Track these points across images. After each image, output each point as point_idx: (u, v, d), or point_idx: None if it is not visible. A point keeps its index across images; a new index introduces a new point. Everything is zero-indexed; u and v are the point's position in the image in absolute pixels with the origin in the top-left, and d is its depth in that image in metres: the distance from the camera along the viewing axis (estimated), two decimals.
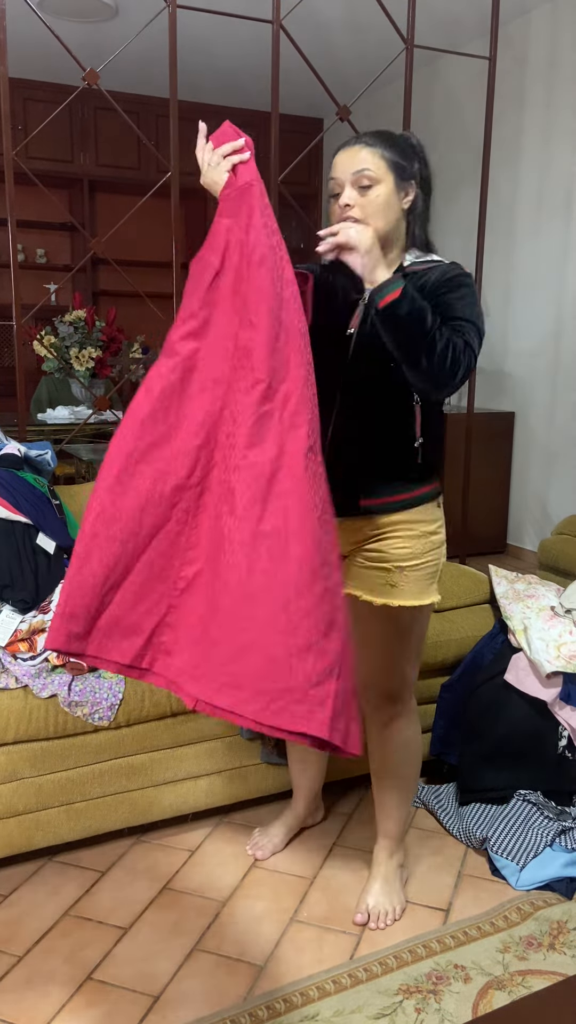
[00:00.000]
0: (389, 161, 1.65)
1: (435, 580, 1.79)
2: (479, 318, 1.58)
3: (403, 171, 1.66)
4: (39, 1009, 1.65)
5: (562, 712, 2.13)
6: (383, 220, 1.64)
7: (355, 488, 1.71)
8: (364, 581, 1.76)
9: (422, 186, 1.70)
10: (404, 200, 1.68)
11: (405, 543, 1.72)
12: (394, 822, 1.93)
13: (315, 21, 4.38)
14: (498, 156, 4.64)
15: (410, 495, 1.71)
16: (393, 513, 1.71)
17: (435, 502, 1.76)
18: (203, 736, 2.12)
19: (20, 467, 2.21)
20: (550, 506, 4.58)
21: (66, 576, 1.36)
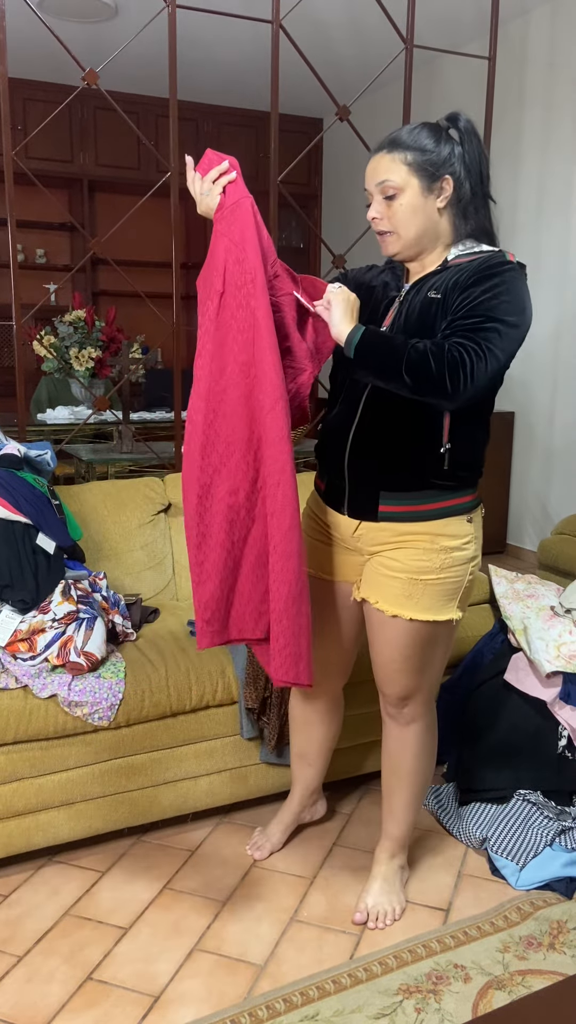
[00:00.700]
0: (412, 165, 1.60)
1: (456, 597, 1.71)
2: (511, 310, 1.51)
3: (430, 170, 1.60)
4: (39, 1009, 1.65)
5: (562, 712, 2.13)
6: (412, 227, 1.62)
7: (375, 493, 1.67)
8: (380, 589, 1.72)
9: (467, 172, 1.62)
10: (439, 199, 1.62)
11: (423, 556, 1.66)
12: (399, 825, 1.93)
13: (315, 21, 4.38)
14: (498, 156, 4.64)
15: (432, 506, 1.64)
16: (412, 523, 1.66)
17: (465, 516, 1.68)
18: (203, 736, 2.12)
19: (20, 467, 2.21)
20: (550, 506, 4.58)
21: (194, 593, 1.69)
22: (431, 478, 1.64)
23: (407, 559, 1.67)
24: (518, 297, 1.54)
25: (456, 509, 1.67)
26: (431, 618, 1.69)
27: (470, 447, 1.66)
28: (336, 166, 6.26)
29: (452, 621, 1.73)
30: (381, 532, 1.69)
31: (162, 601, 2.55)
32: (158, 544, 2.59)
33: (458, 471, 1.65)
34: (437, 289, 1.61)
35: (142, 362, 4.08)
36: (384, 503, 1.66)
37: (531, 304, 1.58)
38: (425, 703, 1.84)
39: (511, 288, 1.54)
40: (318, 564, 1.84)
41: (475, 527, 1.71)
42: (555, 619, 2.24)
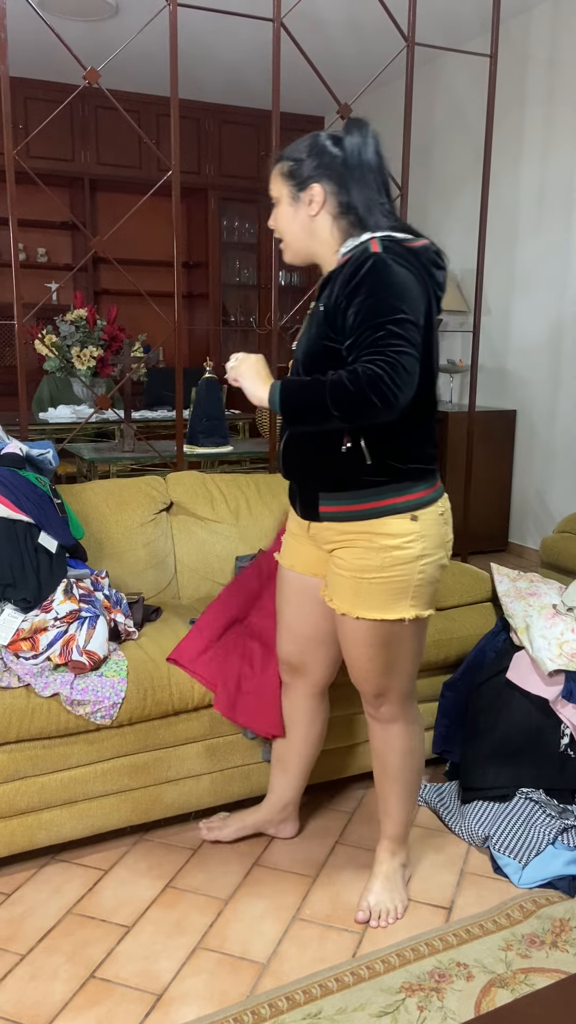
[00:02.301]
0: (284, 175, 1.66)
1: (408, 596, 1.69)
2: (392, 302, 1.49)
3: (297, 179, 1.65)
4: (42, 1007, 1.66)
5: (564, 710, 2.13)
6: (290, 235, 1.70)
7: (315, 495, 1.71)
8: (333, 587, 1.75)
9: (346, 174, 1.62)
10: (309, 207, 1.66)
11: (364, 554, 1.67)
12: (395, 823, 1.93)
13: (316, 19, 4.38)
14: (499, 153, 4.64)
15: (369, 505, 1.65)
16: (351, 522, 1.67)
17: (407, 515, 1.66)
18: (205, 735, 2.12)
19: (22, 466, 2.21)
20: (552, 504, 4.58)
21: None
22: (360, 477, 1.64)
23: (351, 558, 1.69)
24: (392, 284, 1.52)
25: (396, 508, 1.65)
26: (379, 617, 1.69)
27: (395, 442, 1.63)
28: None
29: (405, 620, 1.71)
30: (327, 531, 1.73)
31: (164, 600, 2.55)
32: (160, 543, 2.59)
33: (387, 467, 1.63)
34: (321, 300, 1.63)
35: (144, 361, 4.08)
36: (323, 504, 1.70)
37: (411, 276, 1.54)
38: (401, 702, 1.83)
39: (381, 280, 1.52)
40: (295, 559, 1.89)
41: (424, 525, 1.67)
42: (557, 617, 2.24)
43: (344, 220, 1.64)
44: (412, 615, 1.71)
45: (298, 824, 2.19)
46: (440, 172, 5.22)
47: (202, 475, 2.76)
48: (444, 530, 1.73)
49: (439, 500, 1.72)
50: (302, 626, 1.92)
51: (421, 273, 1.58)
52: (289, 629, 1.95)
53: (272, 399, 1.57)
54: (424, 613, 1.73)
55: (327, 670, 1.97)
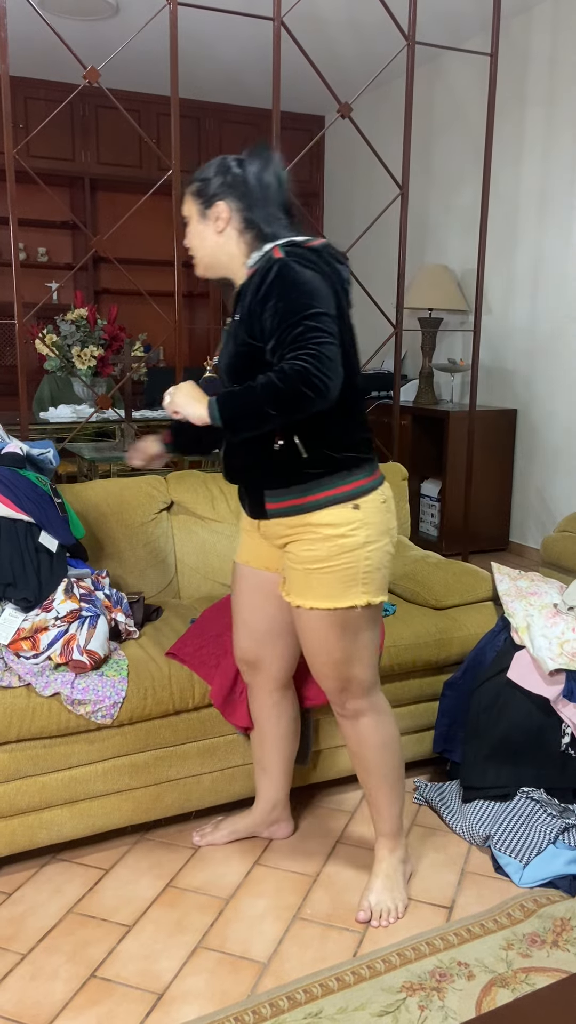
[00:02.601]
0: (193, 195, 1.75)
1: (358, 583, 1.72)
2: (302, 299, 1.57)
3: (203, 198, 1.73)
4: (43, 1007, 1.66)
5: (565, 709, 2.13)
6: (201, 251, 1.77)
7: (260, 494, 1.75)
8: (288, 581, 1.79)
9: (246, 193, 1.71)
10: (215, 224, 1.73)
11: (311, 546, 1.71)
12: (388, 820, 1.93)
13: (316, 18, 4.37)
14: (499, 152, 4.64)
15: (311, 498, 1.69)
16: (296, 516, 1.72)
17: (349, 504, 1.70)
18: (206, 734, 2.12)
19: (22, 466, 2.21)
20: (552, 503, 4.58)
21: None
22: (299, 471, 1.69)
23: (299, 550, 1.74)
24: (299, 284, 1.59)
25: (337, 498, 1.70)
26: (330, 605, 1.73)
27: (326, 434, 1.68)
28: (338, 163, 6.25)
29: (357, 607, 1.74)
30: (276, 527, 1.77)
31: (164, 599, 2.55)
32: (160, 542, 2.59)
33: (322, 459, 1.69)
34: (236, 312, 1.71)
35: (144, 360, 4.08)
36: (269, 501, 1.74)
37: (315, 274, 1.61)
38: (365, 693, 1.85)
39: (288, 282, 1.60)
40: (251, 555, 1.93)
41: (366, 513, 1.71)
42: (558, 616, 2.24)
43: (249, 234, 1.72)
44: (364, 601, 1.75)
45: (292, 824, 2.19)
46: (441, 171, 5.22)
47: (203, 474, 2.76)
48: (387, 517, 1.77)
49: (380, 488, 1.76)
50: (258, 620, 1.95)
51: (325, 269, 1.66)
52: (245, 624, 1.97)
53: (212, 414, 1.61)
54: (376, 599, 1.77)
55: (284, 663, 1.99)
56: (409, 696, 2.37)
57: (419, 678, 2.39)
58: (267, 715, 2.03)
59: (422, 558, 2.68)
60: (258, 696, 2.03)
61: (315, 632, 1.77)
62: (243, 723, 2.09)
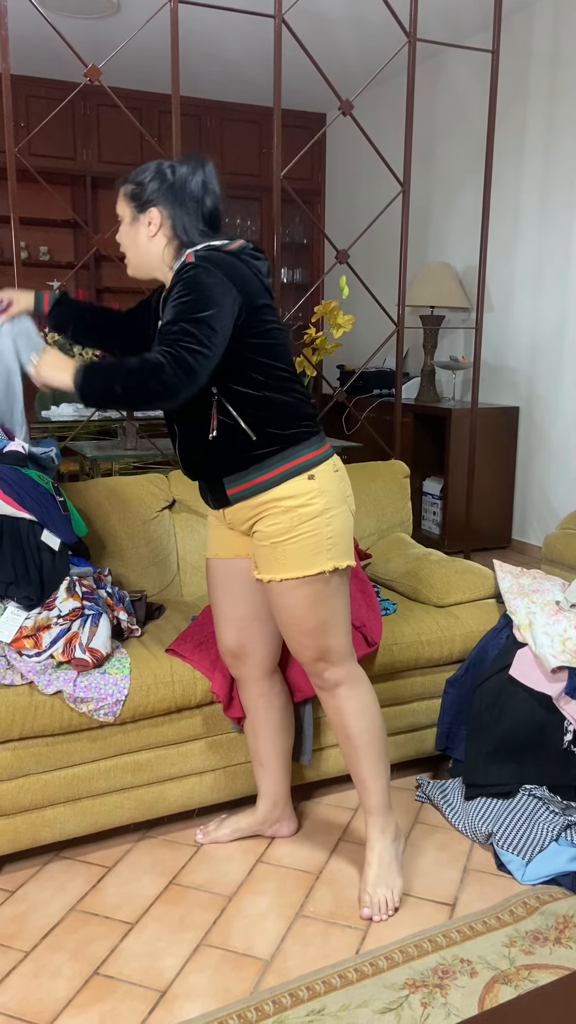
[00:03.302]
0: (126, 196, 1.80)
1: (323, 549, 1.79)
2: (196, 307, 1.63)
3: (136, 202, 1.79)
4: (46, 1004, 1.66)
5: (567, 707, 2.13)
6: (130, 252, 1.83)
7: (219, 483, 1.81)
8: (258, 560, 1.83)
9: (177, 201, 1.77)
10: (148, 228, 1.79)
11: (274, 520, 1.77)
12: (374, 794, 1.94)
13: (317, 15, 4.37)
14: (501, 150, 4.63)
15: (266, 476, 1.76)
16: (257, 495, 1.78)
17: (304, 475, 1.77)
18: (209, 732, 2.13)
19: (24, 464, 2.21)
20: (555, 501, 4.58)
21: None
22: (251, 453, 1.76)
23: (265, 527, 1.79)
24: (197, 289, 1.66)
25: (291, 472, 1.77)
26: (300, 573, 1.78)
27: (268, 412, 1.76)
28: (339, 161, 6.25)
29: (326, 572, 1.79)
30: (241, 511, 1.83)
31: (167, 597, 2.55)
32: (163, 540, 2.59)
33: (269, 436, 1.76)
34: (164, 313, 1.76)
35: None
36: (229, 487, 1.80)
37: (219, 282, 1.67)
38: (341, 662, 1.88)
39: (189, 286, 1.66)
40: (220, 547, 1.97)
41: (321, 482, 1.79)
42: (560, 614, 2.24)
43: (176, 242, 1.79)
44: (331, 567, 1.79)
45: (295, 823, 2.19)
46: (442, 169, 5.21)
47: None
48: (342, 486, 1.84)
49: (331, 459, 1.84)
50: (236, 607, 1.98)
51: (241, 270, 1.72)
52: (224, 615, 2.00)
53: (75, 382, 1.66)
54: (342, 564, 1.82)
55: (268, 648, 2.01)
56: (411, 694, 2.37)
57: (421, 676, 2.39)
58: (257, 705, 2.04)
59: (424, 556, 2.68)
60: (246, 687, 2.04)
61: (288, 603, 1.82)
62: (239, 713, 2.10)
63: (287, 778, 2.13)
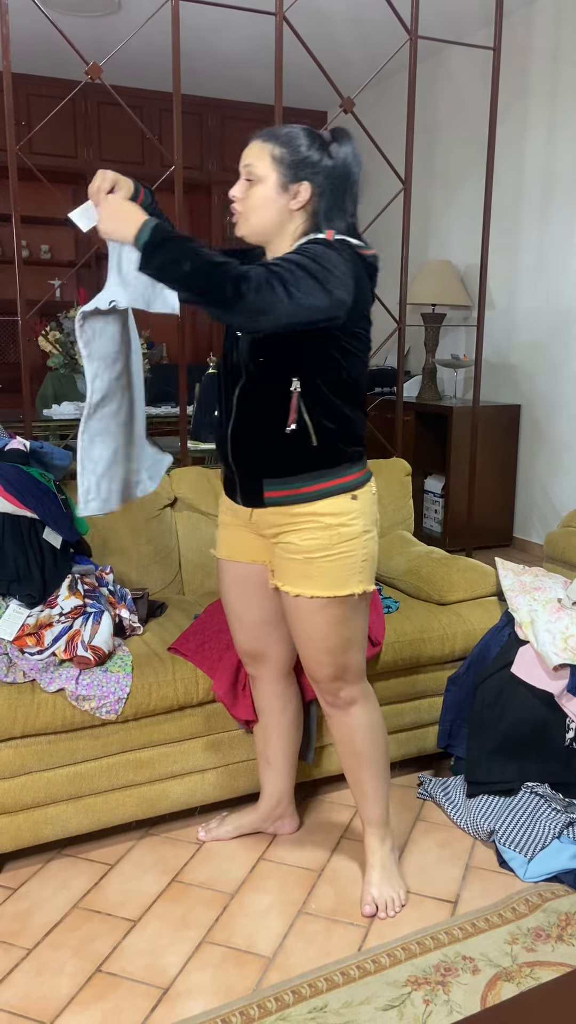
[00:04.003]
0: (277, 159, 1.65)
1: (355, 571, 1.76)
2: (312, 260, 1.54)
3: (292, 171, 1.65)
4: (48, 1001, 1.66)
5: (569, 704, 2.13)
6: (260, 217, 1.68)
7: (259, 481, 1.74)
8: (283, 572, 1.78)
9: (328, 183, 1.67)
10: (292, 201, 1.67)
11: (313, 535, 1.72)
12: (375, 806, 1.94)
13: (318, 13, 4.36)
14: (502, 147, 4.63)
15: (313, 488, 1.71)
16: (296, 505, 1.72)
17: (348, 495, 1.73)
18: (211, 729, 2.13)
19: (26, 462, 2.21)
20: (556, 499, 4.57)
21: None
22: (305, 460, 1.70)
23: (299, 540, 1.74)
24: (327, 263, 1.56)
25: (337, 489, 1.72)
26: (331, 593, 1.74)
27: (337, 424, 1.71)
28: None
29: (355, 595, 1.77)
30: (272, 516, 1.76)
31: (169, 595, 2.55)
32: (164, 538, 2.59)
33: (330, 449, 1.71)
34: None
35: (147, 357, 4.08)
36: (268, 489, 1.74)
37: (348, 265, 1.59)
38: (357, 682, 1.86)
39: (322, 255, 1.57)
40: (234, 549, 1.91)
41: (362, 503, 1.75)
42: (562, 611, 2.24)
43: (313, 220, 1.69)
44: (360, 589, 1.78)
45: (297, 820, 2.19)
46: (443, 166, 5.20)
47: (206, 470, 2.76)
48: (375, 508, 1.81)
49: (371, 481, 1.80)
50: (251, 612, 1.95)
51: (362, 275, 1.65)
52: (239, 619, 1.97)
53: (140, 236, 1.52)
54: (369, 588, 1.80)
55: (285, 650, 1.99)
56: (413, 691, 2.37)
57: (423, 673, 2.39)
58: (272, 705, 2.03)
59: (426, 554, 2.68)
60: (263, 687, 2.03)
61: (313, 621, 1.78)
62: (246, 716, 2.09)
63: (292, 777, 2.13)
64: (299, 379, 1.66)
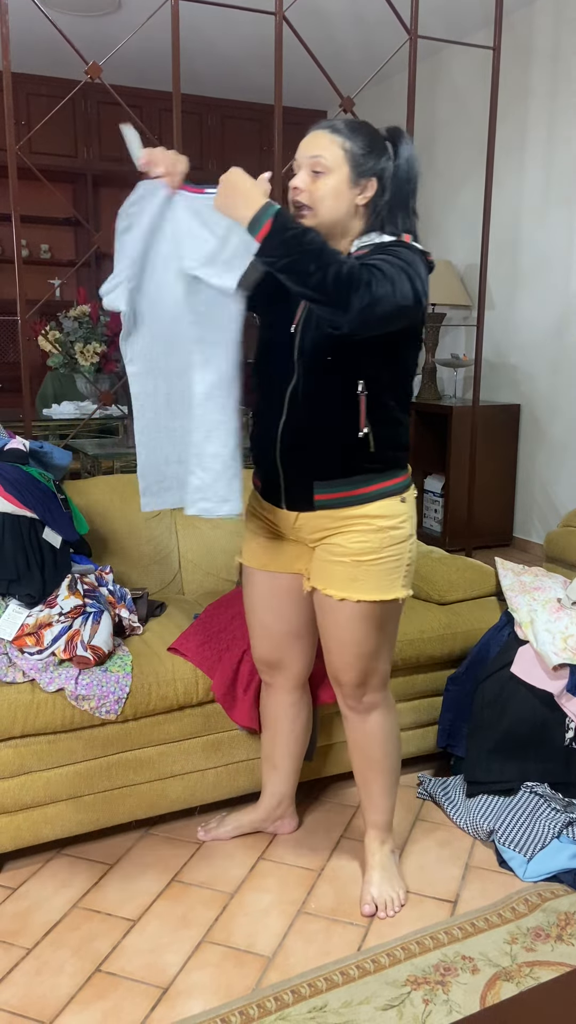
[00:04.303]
0: (348, 153, 1.62)
1: (400, 575, 1.75)
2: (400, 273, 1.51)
3: (362, 165, 1.63)
4: (49, 1001, 1.66)
5: (569, 704, 2.13)
6: (330, 210, 1.63)
7: (309, 484, 1.71)
8: (327, 575, 1.75)
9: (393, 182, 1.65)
10: (359, 196, 1.64)
11: (363, 537, 1.70)
12: (382, 812, 1.94)
13: (318, 12, 4.36)
14: (502, 147, 4.63)
15: (364, 491, 1.69)
16: (347, 508, 1.70)
17: (398, 497, 1.73)
18: (210, 729, 2.13)
19: (25, 462, 2.21)
20: (556, 498, 4.57)
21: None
22: (360, 463, 1.69)
23: (348, 543, 1.72)
24: (415, 268, 1.55)
25: (388, 491, 1.72)
26: (378, 598, 1.73)
27: (392, 429, 1.71)
28: None
29: (399, 600, 1.77)
30: (320, 520, 1.73)
31: (168, 595, 2.55)
32: (164, 538, 2.59)
33: (384, 453, 1.71)
34: None
35: None
36: (319, 492, 1.71)
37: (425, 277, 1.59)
38: (381, 688, 1.86)
39: (411, 260, 1.55)
40: (269, 559, 1.87)
41: (408, 507, 1.76)
42: (562, 611, 2.24)
43: (375, 219, 1.67)
44: (403, 594, 1.77)
45: (296, 820, 2.19)
46: (443, 166, 5.20)
47: None
48: (415, 512, 1.81)
49: (412, 485, 1.81)
50: (277, 623, 1.92)
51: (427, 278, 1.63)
52: (265, 629, 1.93)
53: (259, 216, 1.44)
54: (410, 593, 1.80)
55: (305, 662, 1.98)
56: (413, 691, 2.37)
57: (423, 673, 2.39)
58: (285, 714, 2.02)
59: (426, 553, 2.68)
60: (277, 695, 2.01)
61: (353, 625, 1.76)
62: (243, 722, 2.09)
63: (296, 778, 2.13)
64: (364, 379, 1.64)
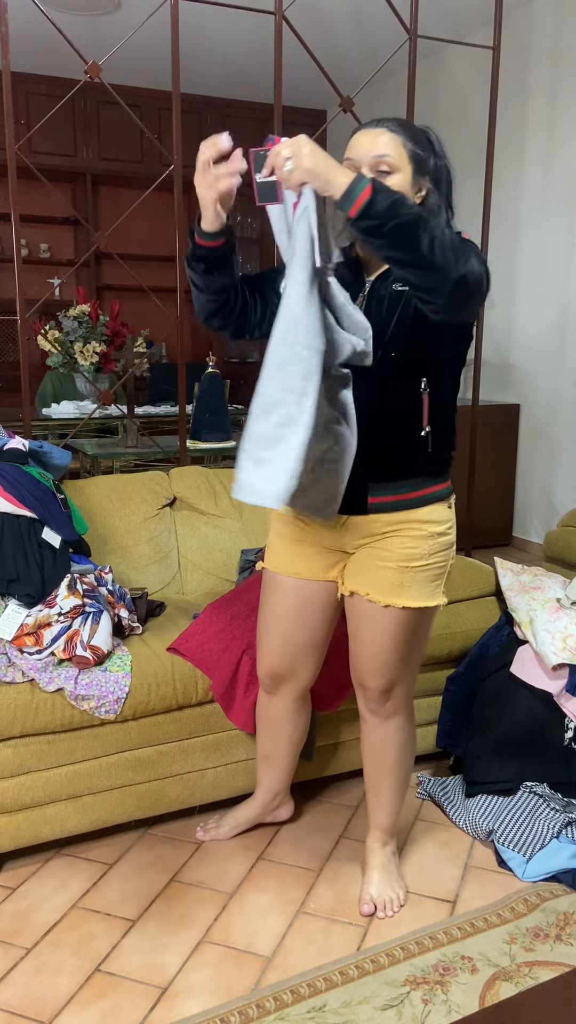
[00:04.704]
0: (409, 152, 1.63)
1: (442, 582, 1.76)
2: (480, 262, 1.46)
3: (421, 164, 1.64)
4: (48, 1001, 1.66)
5: (568, 704, 2.13)
6: None
7: (363, 486, 1.66)
8: (371, 580, 1.72)
9: (436, 183, 1.68)
10: (417, 195, 1.65)
11: (413, 543, 1.68)
12: (388, 816, 1.94)
13: (318, 12, 4.36)
14: (502, 146, 4.63)
15: (418, 494, 1.68)
16: (400, 512, 1.68)
17: (445, 503, 1.73)
18: (210, 729, 2.13)
19: (25, 461, 2.21)
20: (555, 498, 4.57)
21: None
22: (418, 464, 1.68)
23: (397, 548, 1.69)
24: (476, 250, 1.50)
25: (438, 495, 1.72)
26: (422, 604, 1.72)
27: (447, 431, 1.72)
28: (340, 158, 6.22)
29: (439, 607, 1.77)
30: (371, 524, 1.70)
31: (168, 595, 2.55)
32: (163, 538, 2.59)
33: (439, 455, 1.70)
34: (400, 281, 1.60)
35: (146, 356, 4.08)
36: (373, 495, 1.67)
37: None
38: (406, 694, 1.85)
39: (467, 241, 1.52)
40: (302, 567, 1.81)
41: (453, 513, 1.77)
42: (561, 611, 2.24)
43: None
44: (443, 601, 1.77)
45: (293, 805, 2.19)
46: None
47: (205, 470, 2.76)
48: None
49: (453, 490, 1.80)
50: (297, 633, 1.86)
51: None
52: (283, 639, 1.87)
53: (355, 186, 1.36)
54: (446, 600, 1.79)
55: (313, 673, 1.95)
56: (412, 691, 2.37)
57: (422, 673, 2.38)
58: (287, 719, 2.01)
59: None
60: (280, 703, 1.98)
61: (392, 632, 1.73)
62: (241, 725, 2.09)
63: (292, 772, 2.13)
64: (427, 376, 1.62)
